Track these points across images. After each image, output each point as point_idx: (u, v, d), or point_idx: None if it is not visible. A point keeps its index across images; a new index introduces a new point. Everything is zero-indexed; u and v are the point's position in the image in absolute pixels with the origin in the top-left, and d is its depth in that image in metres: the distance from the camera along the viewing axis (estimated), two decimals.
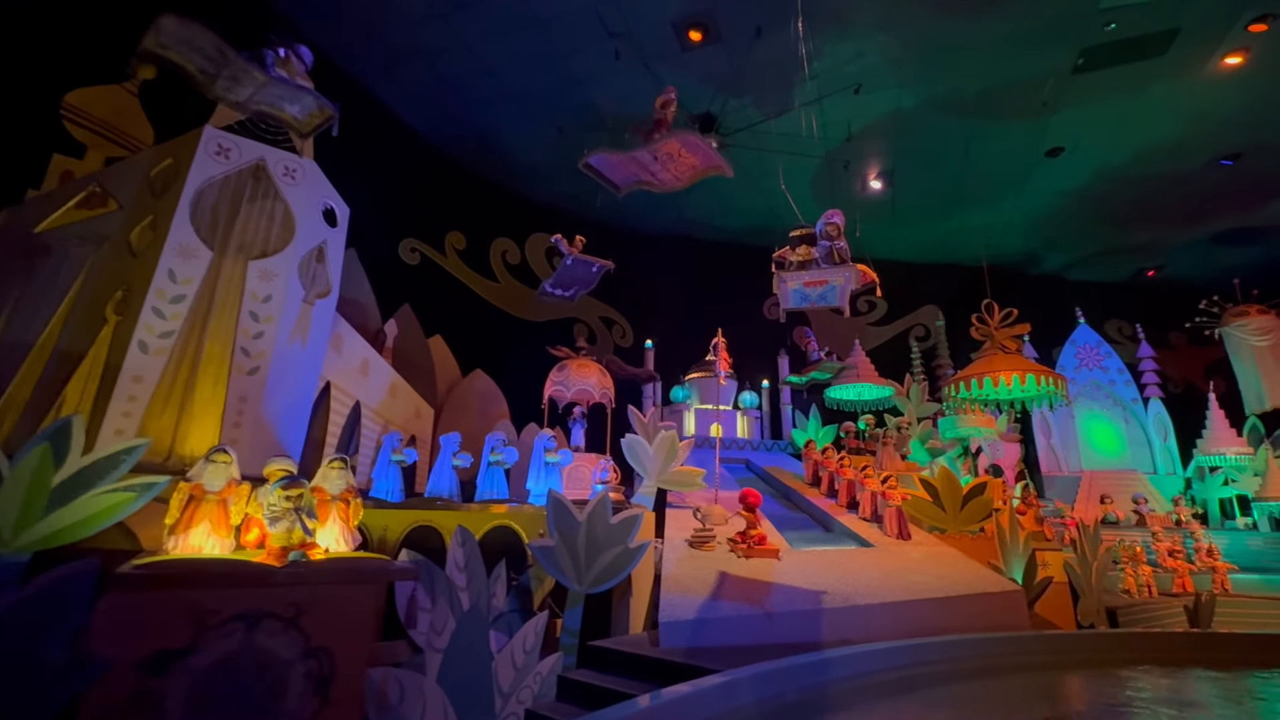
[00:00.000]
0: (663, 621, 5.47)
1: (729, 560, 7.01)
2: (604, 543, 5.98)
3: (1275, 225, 14.64)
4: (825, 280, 7.06)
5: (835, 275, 7.04)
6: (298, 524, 4.06)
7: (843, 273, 7.05)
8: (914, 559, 7.63)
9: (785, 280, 7.26)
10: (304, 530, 4.08)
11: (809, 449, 11.37)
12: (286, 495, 4.10)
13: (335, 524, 4.85)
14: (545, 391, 9.99)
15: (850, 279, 7.01)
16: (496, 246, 13.42)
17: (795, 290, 7.34)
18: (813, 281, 7.07)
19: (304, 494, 4.25)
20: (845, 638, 5.96)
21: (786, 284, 7.36)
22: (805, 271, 7.13)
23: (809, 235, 7.15)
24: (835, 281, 7.02)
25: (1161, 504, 13.51)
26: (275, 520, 4.23)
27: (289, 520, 4.06)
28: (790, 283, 7.24)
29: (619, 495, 7.23)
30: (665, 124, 7.18)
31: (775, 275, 7.24)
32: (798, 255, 7.11)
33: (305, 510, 4.17)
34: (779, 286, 7.21)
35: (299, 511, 4.08)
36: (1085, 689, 5.40)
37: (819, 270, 7.05)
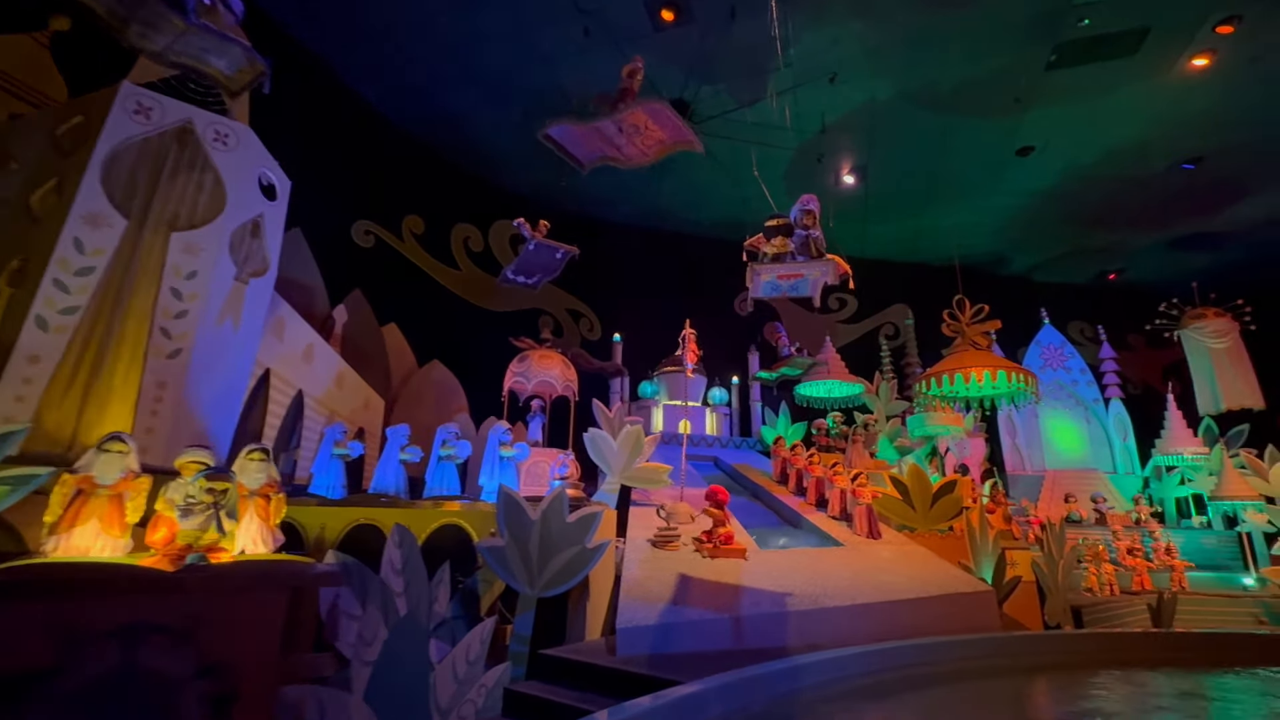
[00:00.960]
0: (620, 628, 5.07)
1: (694, 560, 6.65)
2: (559, 542, 5.55)
3: (1231, 230, 14.97)
4: (800, 274, 6.74)
5: (811, 270, 6.72)
6: (214, 522, 3.54)
7: (819, 267, 6.72)
8: (884, 558, 7.39)
9: (758, 272, 6.88)
10: (218, 530, 3.56)
11: (778, 446, 11.12)
12: (209, 488, 3.56)
13: (253, 522, 4.32)
14: (505, 383, 9.49)
15: (826, 273, 6.70)
16: (458, 233, 12.82)
17: (767, 282, 7.00)
18: (787, 275, 6.73)
19: (230, 489, 3.72)
20: (815, 642, 5.66)
21: (759, 276, 6.99)
22: (779, 265, 6.77)
23: (785, 226, 6.76)
24: (811, 275, 6.71)
25: (1121, 503, 13.68)
26: (188, 513, 3.69)
27: (204, 516, 3.53)
28: (763, 275, 6.88)
29: (578, 491, 6.80)
30: (632, 94, 6.77)
31: (748, 267, 6.88)
32: (772, 247, 6.74)
33: (227, 509, 3.64)
34: (751, 278, 6.85)
35: (218, 509, 3.55)
36: (1058, 694, 5.19)
37: (794, 264, 6.72)
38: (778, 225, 6.75)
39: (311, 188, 8.27)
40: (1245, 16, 9.09)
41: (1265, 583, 11.17)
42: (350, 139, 10.78)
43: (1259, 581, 11.43)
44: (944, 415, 12.18)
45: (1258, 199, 13.69)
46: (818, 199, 6.93)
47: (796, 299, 7.73)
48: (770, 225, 6.83)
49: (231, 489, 3.73)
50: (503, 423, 7.49)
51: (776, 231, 6.73)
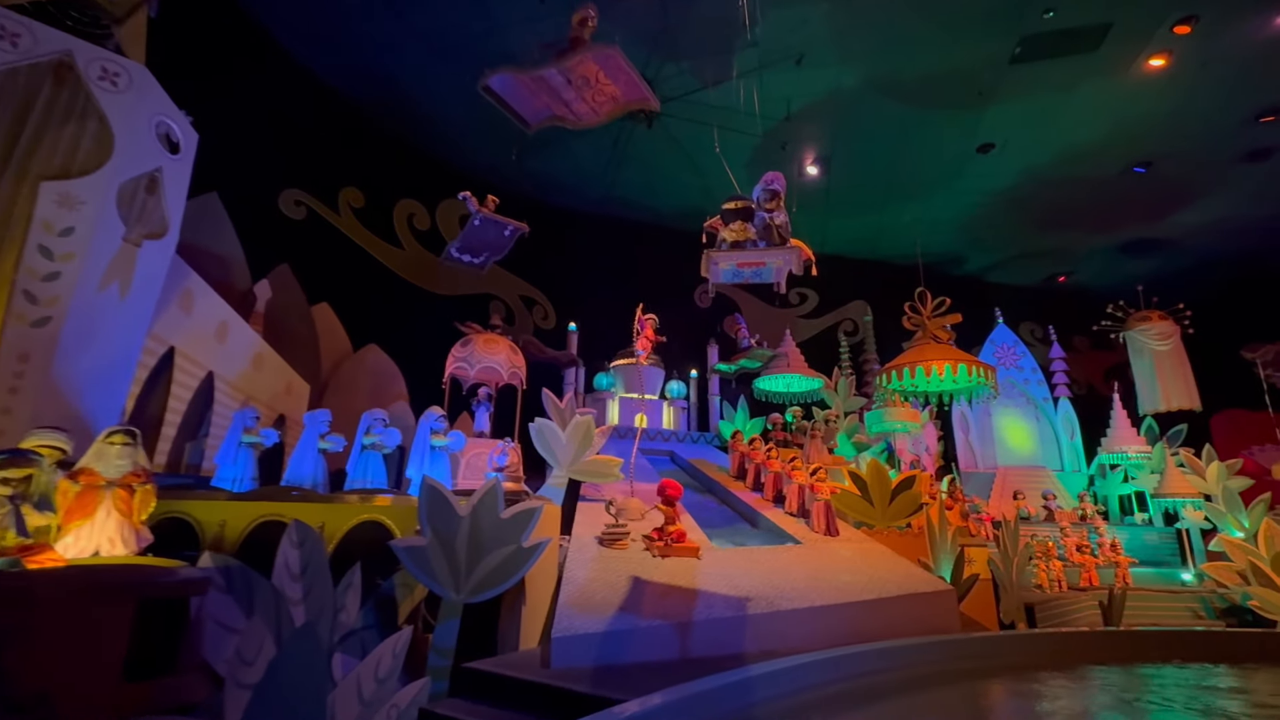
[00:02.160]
0: (555, 637, 4.52)
1: (643, 560, 6.15)
2: (491, 541, 4.96)
3: (1174, 237, 15.41)
4: (762, 261, 6.22)
5: (774, 258, 6.16)
6: (13, 520, 2.82)
7: (782, 255, 6.17)
8: (843, 557, 7.05)
9: (716, 260, 6.27)
10: (18, 530, 2.84)
11: (735, 440, 10.74)
12: (4, 477, 2.84)
13: (111, 518, 3.59)
14: (446, 369, 8.79)
15: (790, 261, 6.21)
16: (402, 209, 11.97)
17: (726, 270, 6.50)
18: (747, 263, 6.21)
19: (34, 475, 3.00)
20: (771, 648, 5.23)
21: (717, 265, 6.39)
22: (739, 253, 6.20)
23: (745, 209, 6.20)
24: (773, 263, 6.21)
25: (1068, 500, 13.88)
26: None
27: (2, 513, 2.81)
28: (721, 264, 6.32)
29: (518, 484, 6.21)
30: (582, 43, 6.18)
31: (704, 255, 6.25)
32: (732, 233, 6.16)
33: (34, 499, 2.92)
34: (707, 266, 6.29)
35: (17, 502, 2.84)
36: (1030, 697, 4.91)
37: (755, 251, 6.16)
38: (737, 208, 6.19)
39: (233, 149, 7.42)
40: (1202, 18, 9.14)
41: (1203, 578, 11.42)
42: (280, 100, 9.85)
43: (1197, 577, 11.69)
44: (901, 411, 12.07)
45: (1200, 206, 14.09)
46: (783, 178, 6.48)
47: (759, 285, 7.24)
48: (729, 208, 6.26)
49: (38, 474, 3.02)
50: (437, 409, 6.82)
51: (736, 215, 6.16)
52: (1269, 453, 16.05)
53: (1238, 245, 15.27)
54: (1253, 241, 15.04)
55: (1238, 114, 11.14)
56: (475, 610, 5.10)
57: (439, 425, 6.67)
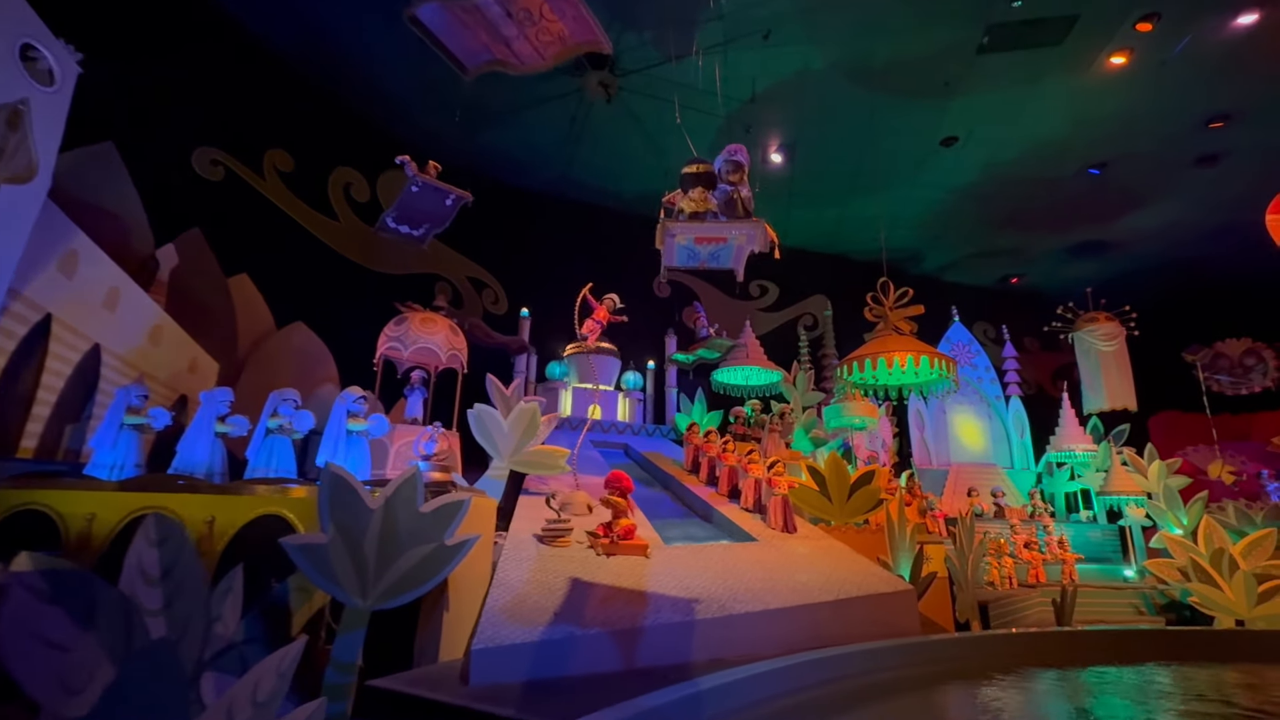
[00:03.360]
0: (476, 649, 3.93)
1: (586, 559, 5.60)
2: (407, 538, 4.31)
3: (1121, 240, 15.75)
4: (723, 237, 5.60)
5: (736, 232, 5.44)
6: None
7: (745, 229, 5.43)
8: (800, 555, 6.66)
9: (672, 233, 5.44)
10: None
11: (690, 433, 10.29)
12: None
13: None
14: (378, 349, 8.02)
15: (754, 238, 5.59)
16: (338, 177, 11.02)
17: (683, 246, 5.87)
18: (706, 238, 5.59)
19: None
20: (723, 656, 4.76)
21: (674, 238, 5.58)
22: (699, 224, 5.44)
23: (706, 174, 5.58)
24: (735, 240, 5.58)
25: (1017, 497, 14.02)
26: None
27: None
28: (679, 236, 5.54)
29: (446, 475, 5.56)
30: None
31: (660, 225, 5.44)
32: (690, 202, 5.49)
33: None
34: (663, 239, 5.64)
35: None
36: (1003, 701, 4.58)
37: (716, 224, 5.43)
38: (698, 173, 5.56)
39: (138, 96, 6.48)
40: (1164, 15, 9.13)
41: (1145, 574, 11.62)
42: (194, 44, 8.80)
43: (1138, 573, 11.90)
44: (860, 406, 11.86)
45: (1149, 211, 14.39)
46: (746, 150, 5.97)
47: (718, 270, 6.64)
48: (688, 173, 5.60)
49: None
50: (355, 390, 6.09)
51: (696, 181, 5.51)
52: (1202, 453, 16.70)
53: (1182, 252, 15.73)
54: (1196, 248, 15.51)
55: (1190, 118, 11.32)
56: (390, 618, 4.45)
57: (357, 408, 5.94)
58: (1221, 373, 17.45)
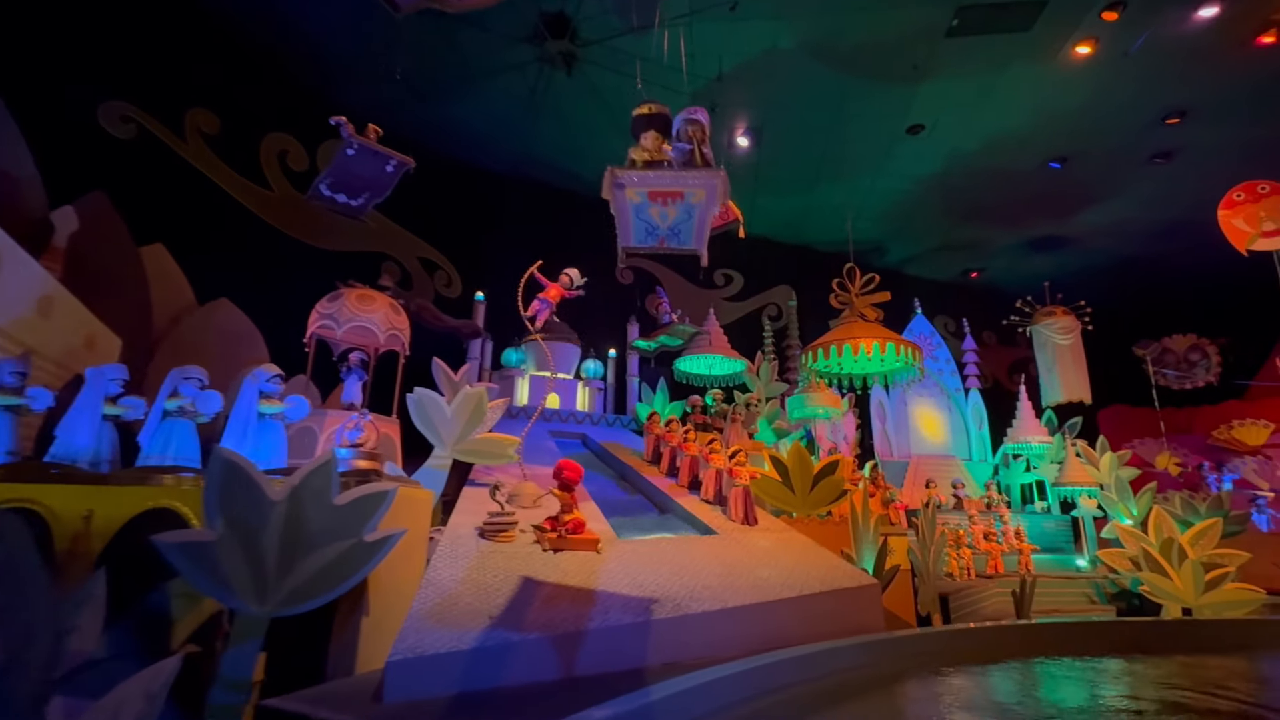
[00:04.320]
0: (392, 660, 3.41)
1: (530, 556, 5.12)
2: (318, 534, 3.75)
3: (1077, 236, 16.00)
4: (679, 192, 4.57)
5: (694, 184, 4.58)
6: None
7: (704, 181, 4.55)
8: (761, 549, 6.31)
9: (621, 182, 4.50)
10: None
11: (650, 422, 9.87)
12: None
13: None
14: (309, 326, 7.32)
15: (715, 192, 4.84)
16: (272, 144, 10.13)
17: (638, 209, 5.09)
18: (662, 193, 4.68)
19: None
20: (677, 659, 4.35)
21: (624, 195, 4.64)
22: (653, 173, 4.55)
23: (660, 116, 4.70)
24: (693, 196, 4.79)
25: (975, 489, 14.10)
26: None
27: None
28: (631, 191, 4.60)
29: (373, 463, 4.99)
30: None
31: (608, 176, 4.47)
32: (643, 152, 4.63)
33: None
34: (610, 190, 4.55)
35: None
36: (981, 700, 4.31)
37: (673, 174, 4.55)
38: (650, 113, 4.69)
39: (28, 37, 5.64)
40: (1129, 3, 9.09)
41: (1097, 564, 11.77)
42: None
43: (1091, 563, 12.06)
44: (823, 396, 11.65)
45: (1105, 207, 14.61)
46: (707, 112, 5.48)
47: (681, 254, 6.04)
48: (640, 114, 4.72)
49: None
50: (269, 367, 5.44)
51: (649, 124, 4.65)
52: (1148, 446, 17.19)
53: (1135, 248, 16.07)
54: (1148, 245, 15.86)
55: (1149, 113, 11.42)
56: (300, 626, 3.89)
57: (271, 387, 5.29)
58: (1168, 367, 17.99)
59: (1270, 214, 10.39)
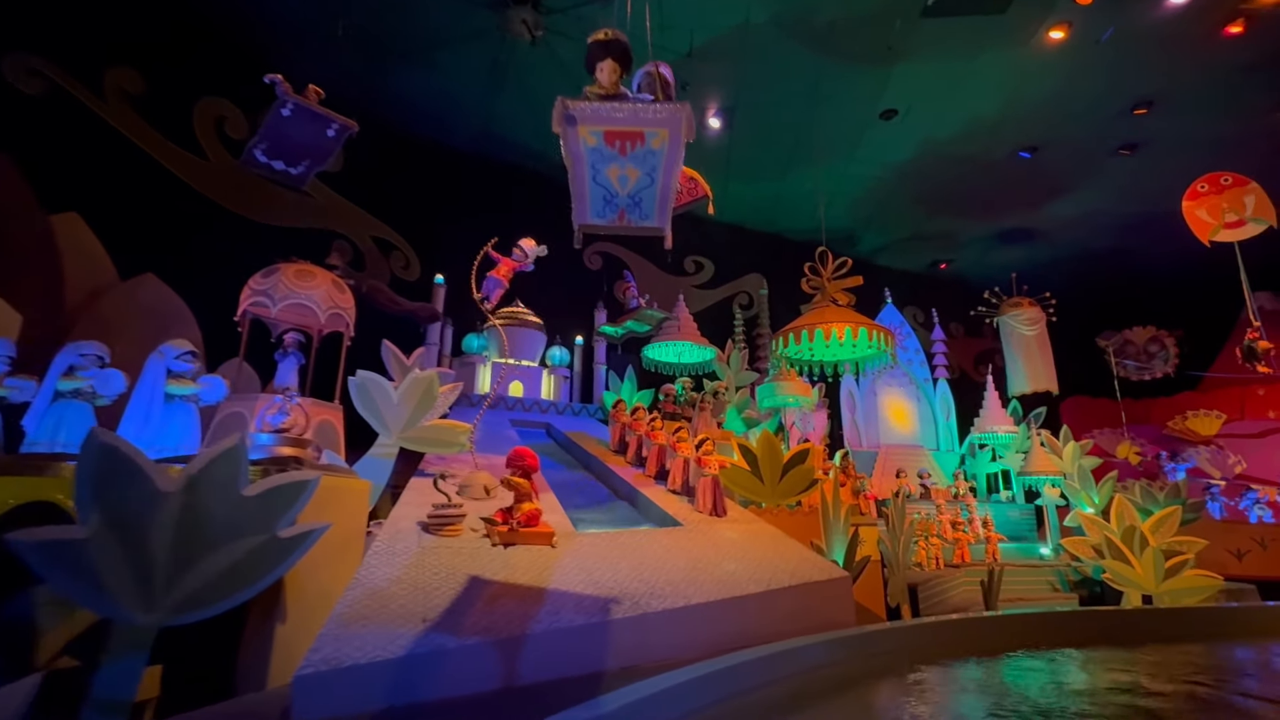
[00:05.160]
0: (302, 674, 2.95)
1: (478, 551, 4.69)
2: (223, 530, 3.27)
3: (1044, 228, 16.11)
4: (639, 133, 3.93)
5: (655, 121, 3.89)
6: None
7: (667, 117, 3.87)
8: (728, 541, 6.00)
9: (573, 115, 3.84)
10: None
11: (616, 411, 9.49)
12: None
13: None
14: (240, 303, 6.70)
15: (679, 132, 3.92)
16: (208, 109, 9.34)
17: (594, 163, 4.17)
18: (620, 133, 3.92)
19: None
20: (635, 663, 3.98)
21: (577, 135, 3.98)
22: (609, 105, 3.88)
23: (618, 43, 4.00)
24: (654, 139, 4.13)
25: (942, 479, 14.12)
26: None
27: None
28: (585, 131, 3.93)
29: (299, 450, 4.48)
30: None
31: (558, 106, 3.85)
32: (598, 86, 3.99)
33: None
34: (566, 139, 4.00)
35: None
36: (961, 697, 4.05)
37: (632, 108, 3.88)
38: (608, 39, 4.00)
39: None
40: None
41: (1060, 552, 11.86)
42: None
43: (1054, 551, 12.15)
44: (794, 385, 11.43)
45: (1073, 199, 14.69)
46: (671, 69, 5.02)
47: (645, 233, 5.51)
48: (596, 40, 4.02)
49: None
50: (180, 343, 4.86)
51: (606, 51, 3.95)
52: (1108, 436, 17.52)
53: (1100, 240, 16.26)
54: (1113, 238, 16.05)
55: (1117, 103, 11.42)
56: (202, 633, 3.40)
57: (181, 366, 4.73)
58: (1129, 359, 18.36)
59: (1232, 205, 10.47)
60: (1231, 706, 3.80)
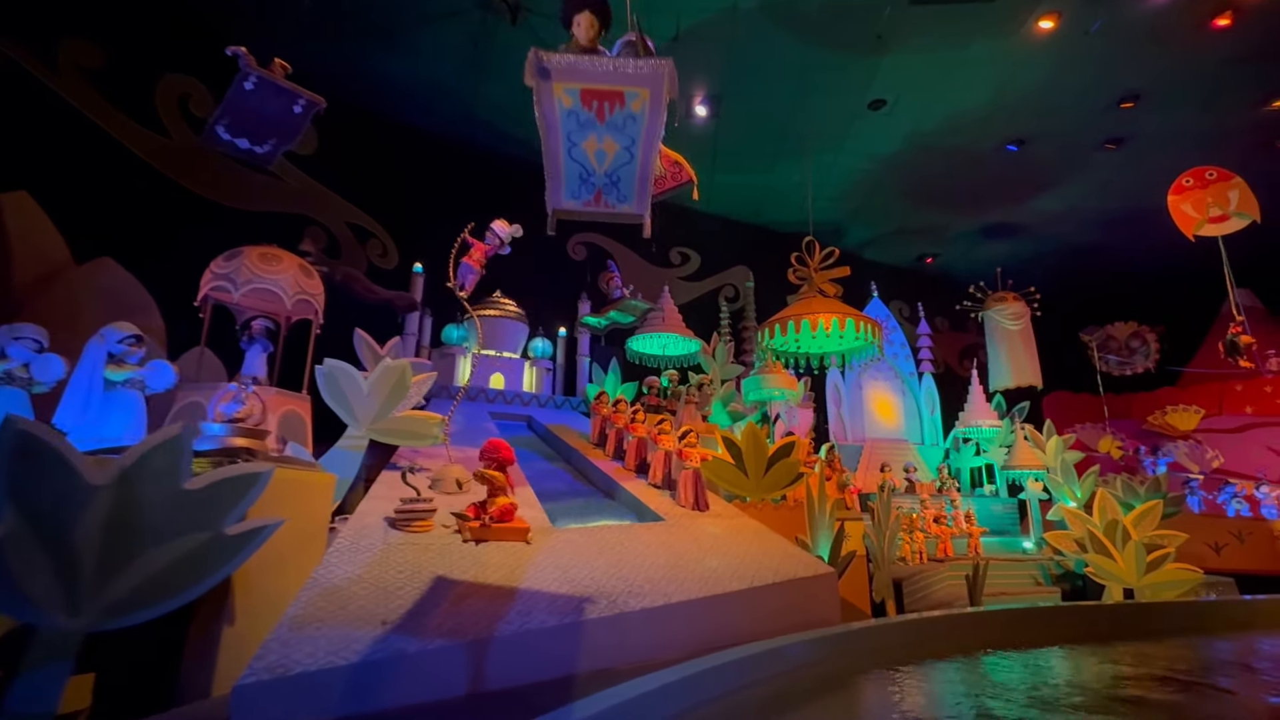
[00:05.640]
0: (243, 683, 2.71)
1: (447, 548, 4.45)
2: (161, 527, 3.01)
3: (1031, 223, 16.11)
4: (618, 93, 3.65)
5: (635, 80, 3.61)
6: None
7: (648, 75, 3.56)
8: (711, 536, 5.82)
9: (547, 67, 3.54)
10: None
11: (598, 403, 9.26)
12: None
13: None
14: (201, 288, 6.37)
15: (660, 93, 3.64)
16: (171, 86, 8.91)
17: (569, 130, 3.89)
18: (598, 92, 3.64)
19: None
20: (610, 665, 3.78)
21: (551, 93, 3.69)
22: (586, 59, 3.60)
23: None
24: (634, 101, 3.52)
25: (927, 473, 14.09)
26: None
27: None
28: (560, 89, 3.64)
29: (255, 442, 4.21)
30: None
31: (531, 58, 3.55)
32: (574, 43, 3.72)
33: None
34: (539, 97, 3.71)
35: None
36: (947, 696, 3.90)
37: (610, 63, 3.61)
38: None
39: None
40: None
41: (1043, 545, 11.87)
42: None
43: (1036, 545, 12.16)
44: (780, 378, 11.28)
45: (1058, 192, 14.68)
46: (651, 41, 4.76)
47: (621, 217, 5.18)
48: None
49: None
50: (122, 326, 4.56)
51: (583, 3, 3.67)
52: (1089, 430, 17.64)
53: (1083, 236, 16.29)
54: (1096, 233, 16.09)
55: (1105, 96, 11.37)
56: (142, 637, 3.14)
57: (123, 350, 4.43)
58: (1110, 353, 18.49)
59: (1216, 200, 10.48)
60: None
